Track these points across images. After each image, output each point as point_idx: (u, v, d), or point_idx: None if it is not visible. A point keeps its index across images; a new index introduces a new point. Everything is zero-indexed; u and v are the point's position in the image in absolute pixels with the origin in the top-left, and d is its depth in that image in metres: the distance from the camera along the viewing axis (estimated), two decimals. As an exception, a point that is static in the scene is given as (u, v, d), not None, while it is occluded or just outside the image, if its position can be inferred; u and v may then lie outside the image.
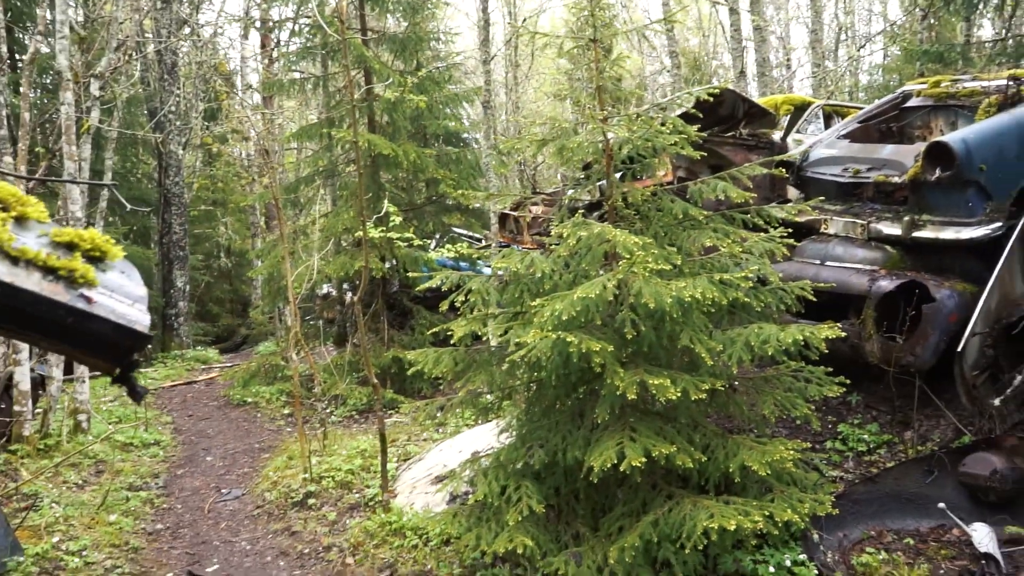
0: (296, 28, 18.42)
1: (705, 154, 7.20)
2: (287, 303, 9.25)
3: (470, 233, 12.61)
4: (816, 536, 4.33)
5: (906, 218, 6.00)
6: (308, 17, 14.32)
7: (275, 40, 20.80)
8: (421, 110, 10.30)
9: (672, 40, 17.85)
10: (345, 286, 11.51)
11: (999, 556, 4.02)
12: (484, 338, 5.31)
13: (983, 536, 4.11)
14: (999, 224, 5.57)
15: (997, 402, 5.00)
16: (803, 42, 24.12)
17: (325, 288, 12.14)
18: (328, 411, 8.88)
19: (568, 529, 4.56)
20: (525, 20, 17.49)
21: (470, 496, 4.68)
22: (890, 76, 18.71)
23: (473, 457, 5.10)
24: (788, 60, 23.56)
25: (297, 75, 13.85)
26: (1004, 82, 6.51)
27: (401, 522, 5.43)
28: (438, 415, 6.70)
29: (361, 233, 7.23)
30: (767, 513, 3.95)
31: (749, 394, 4.82)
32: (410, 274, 9.67)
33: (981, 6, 11.76)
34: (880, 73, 20.68)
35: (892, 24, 20.38)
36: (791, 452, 4.25)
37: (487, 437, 5.70)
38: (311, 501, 6.37)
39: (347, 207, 10.49)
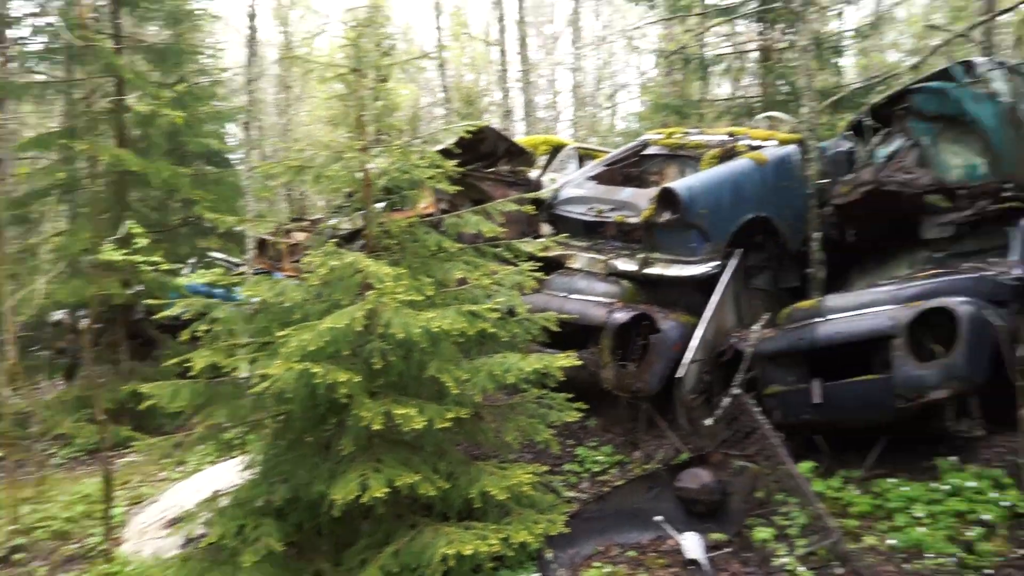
0: (39, 25, 16.54)
1: (465, 188, 7.41)
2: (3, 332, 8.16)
3: (228, 258, 11.97)
4: (550, 555, 4.57)
5: (640, 256, 6.61)
6: (55, 15, 12.94)
7: (14, 38, 18.49)
8: (179, 126, 9.66)
9: (444, 75, 18.34)
10: (80, 313, 10.40)
11: (704, 560, 4.49)
12: (230, 370, 5.05)
13: (691, 544, 4.58)
14: (716, 263, 6.31)
15: (709, 422, 5.60)
16: (568, 86, 25.78)
17: (57, 315, 10.89)
18: (48, 452, 7.92)
19: (310, 566, 4.43)
20: (296, 41, 17.10)
21: (205, 538, 4.39)
22: (644, 123, 20.54)
23: (212, 496, 4.80)
24: (556, 102, 25.10)
25: (39, 77, 12.41)
26: (724, 137, 7.42)
27: (125, 572, 4.96)
28: (175, 452, 6.22)
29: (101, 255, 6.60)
30: (504, 536, 4.11)
31: (496, 421, 5.00)
32: (152, 301, 8.96)
33: (714, 68, 13.31)
34: (636, 120, 22.63)
35: (643, 75, 22.46)
36: (529, 476, 4.47)
37: (230, 475, 5.40)
38: (17, 556, 5.61)
39: (86, 225, 9.53)
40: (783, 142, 7.15)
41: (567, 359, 4.76)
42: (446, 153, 5.38)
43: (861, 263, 7.07)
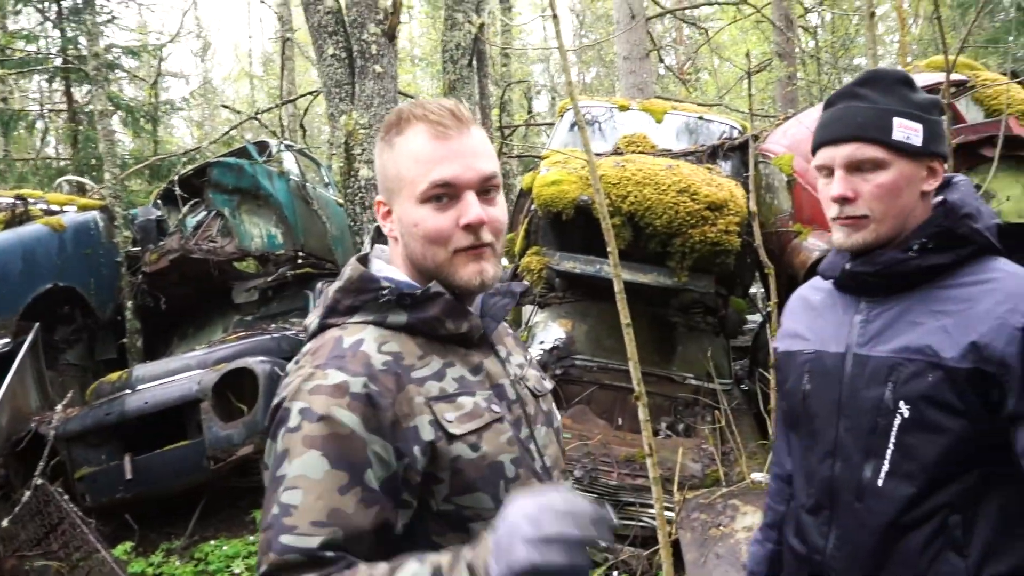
0: None
1: None
2: None
3: None
4: None
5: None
6: None
7: None
8: None
9: None
10: None
11: None
12: None
13: None
14: (7, 340, 5.51)
15: (6, 523, 4.80)
16: None
17: None
18: None
19: None
20: None
21: None
22: None
23: None
24: None
25: None
26: (12, 201, 6.59)
27: None
28: None
29: None
30: None
31: None
32: None
33: (18, 124, 11.87)
34: None
35: None
36: None
37: None
38: None
39: None
40: (85, 208, 6.75)
41: None
42: None
43: (182, 330, 7.11)
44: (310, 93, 8.75)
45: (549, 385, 1.43)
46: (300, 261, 7.20)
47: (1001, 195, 4.52)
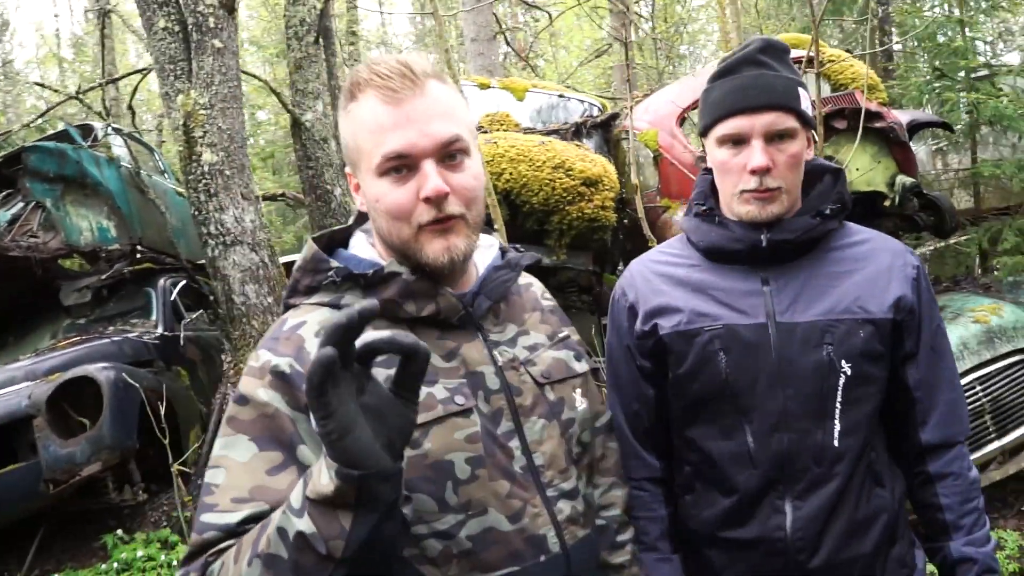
0: None
1: None
2: None
3: None
4: None
5: None
6: None
7: None
8: None
9: None
10: None
11: None
12: None
13: None
14: None
15: None
16: None
17: None
18: None
19: None
20: None
21: None
22: None
23: None
24: None
25: None
26: None
27: None
28: None
29: None
30: None
31: None
32: None
33: None
34: None
35: None
36: None
37: None
38: None
39: None
40: None
41: None
42: None
43: (1, 338, 6.26)
44: (139, 71, 7.95)
45: (581, 367, 1.31)
46: (138, 256, 6.55)
47: (851, 166, 4.80)
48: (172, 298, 6.26)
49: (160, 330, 5.88)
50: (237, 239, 5.00)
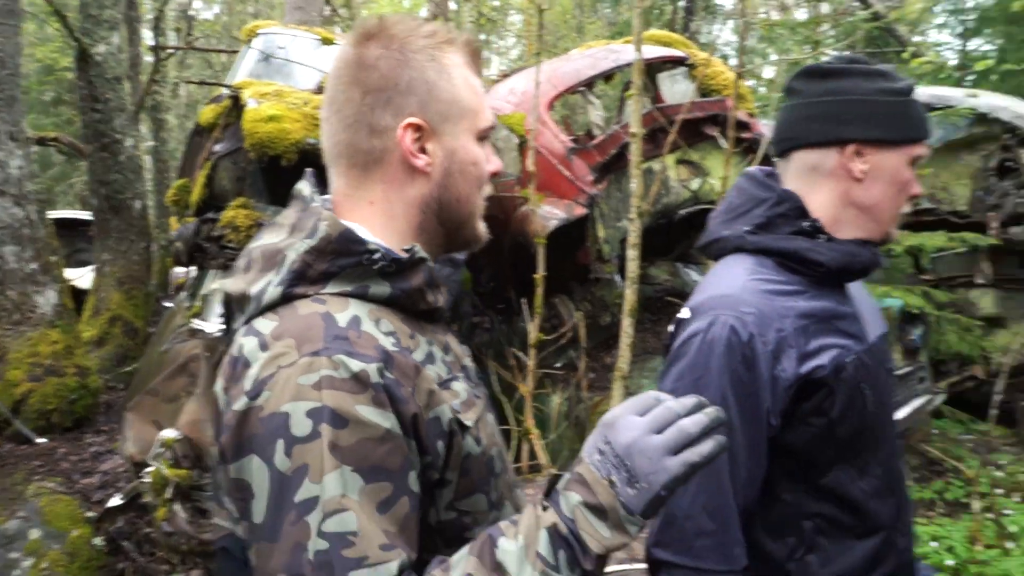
0: None
1: None
2: None
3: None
4: None
5: None
6: None
7: None
8: None
9: None
10: None
11: None
12: None
13: None
14: None
15: None
16: None
17: None
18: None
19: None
20: None
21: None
22: None
23: None
24: None
25: None
26: None
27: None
28: None
29: None
30: None
31: None
32: None
33: None
34: None
35: None
36: None
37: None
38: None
39: None
40: None
41: None
42: None
43: None
44: None
45: None
46: None
47: (715, 173, 4.67)
48: None
49: None
50: (-1, 189, 3.93)
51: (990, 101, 6.27)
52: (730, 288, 1.27)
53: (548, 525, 0.81)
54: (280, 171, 3.76)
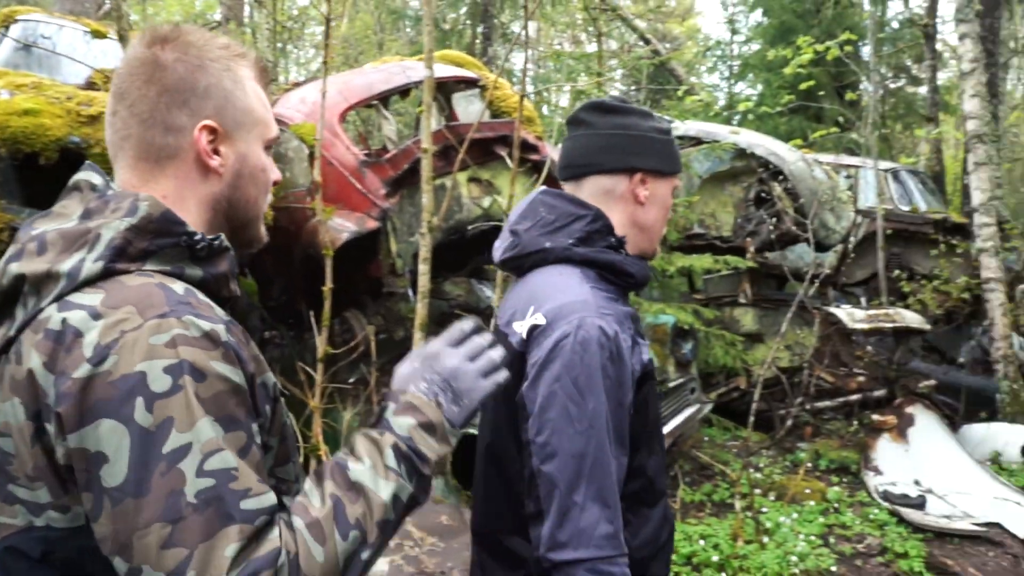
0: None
1: None
2: None
3: None
4: None
5: None
6: None
7: None
8: None
9: None
10: None
11: None
12: None
13: None
14: None
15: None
16: None
17: None
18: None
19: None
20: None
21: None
22: None
23: None
24: None
25: None
26: None
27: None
28: None
29: None
30: None
31: None
32: None
33: None
34: None
35: None
36: None
37: None
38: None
39: None
40: None
41: None
42: None
43: None
44: None
45: None
46: None
47: (505, 192, 4.76)
48: None
49: None
50: None
51: (749, 138, 6.99)
52: (580, 294, 1.37)
53: (391, 444, 0.97)
54: (37, 170, 3.36)
